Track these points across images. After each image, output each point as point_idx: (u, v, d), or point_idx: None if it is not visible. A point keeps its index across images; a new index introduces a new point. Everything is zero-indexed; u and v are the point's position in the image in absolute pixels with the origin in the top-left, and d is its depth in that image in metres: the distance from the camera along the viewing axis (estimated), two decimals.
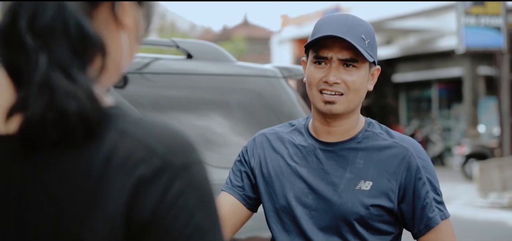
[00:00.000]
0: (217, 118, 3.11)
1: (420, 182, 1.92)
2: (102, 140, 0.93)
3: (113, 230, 0.92)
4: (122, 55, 1.03)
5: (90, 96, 0.91)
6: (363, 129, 1.99)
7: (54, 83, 0.90)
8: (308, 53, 1.97)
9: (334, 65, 1.90)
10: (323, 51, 1.91)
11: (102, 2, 0.98)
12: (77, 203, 0.92)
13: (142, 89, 3.00)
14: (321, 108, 1.92)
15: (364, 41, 1.90)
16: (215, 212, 0.96)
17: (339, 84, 1.90)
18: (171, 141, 0.95)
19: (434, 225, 1.93)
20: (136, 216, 0.91)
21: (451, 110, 22.72)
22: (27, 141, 0.92)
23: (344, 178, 1.94)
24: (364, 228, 1.92)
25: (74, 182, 0.92)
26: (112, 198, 0.91)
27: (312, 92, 1.93)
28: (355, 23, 1.92)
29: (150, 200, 0.91)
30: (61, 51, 0.91)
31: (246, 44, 31.68)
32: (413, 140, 2.01)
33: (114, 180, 0.91)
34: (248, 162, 2.04)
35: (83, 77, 0.92)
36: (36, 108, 0.90)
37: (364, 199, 1.91)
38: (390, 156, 1.94)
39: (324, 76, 1.91)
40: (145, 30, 1.06)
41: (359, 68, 1.91)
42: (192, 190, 0.93)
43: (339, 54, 1.90)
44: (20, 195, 0.94)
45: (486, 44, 13.78)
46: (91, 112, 0.91)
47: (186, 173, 0.94)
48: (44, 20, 0.92)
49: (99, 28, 0.98)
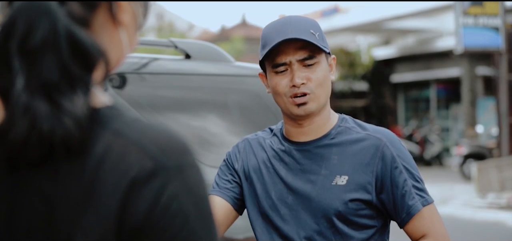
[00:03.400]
0: (215, 118, 3.11)
1: (396, 170, 1.92)
2: (96, 141, 0.92)
3: (105, 233, 0.90)
4: (122, 50, 1.02)
5: (73, 117, 0.90)
6: (336, 125, 2.00)
7: (34, 107, 0.90)
8: (265, 67, 1.99)
9: (295, 67, 1.92)
10: (280, 58, 1.93)
11: (99, 6, 0.98)
12: (69, 204, 0.91)
13: (141, 89, 2.99)
14: (296, 112, 1.94)
15: (314, 35, 1.92)
16: (210, 216, 0.95)
17: (305, 84, 1.92)
18: (165, 143, 0.93)
19: (415, 212, 1.92)
20: (129, 220, 0.90)
21: (449, 110, 22.73)
22: (11, 160, 0.92)
23: (320, 175, 1.95)
24: (344, 223, 1.92)
25: (67, 183, 0.92)
26: (104, 200, 0.90)
27: (282, 100, 1.95)
28: (300, 21, 1.94)
29: (143, 203, 0.90)
30: (49, 71, 0.91)
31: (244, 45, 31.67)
32: (387, 130, 2.00)
33: (106, 182, 0.91)
34: (232, 166, 2.08)
35: (68, 98, 0.91)
36: (18, 130, 0.89)
37: (341, 194, 1.92)
38: (363, 148, 1.94)
39: (289, 81, 1.92)
40: (143, 16, 1.06)
41: (318, 62, 1.94)
42: (186, 193, 0.92)
43: (296, 55, 1.92)
44: (11, 194, 0.94)
45: (485, 44, 13.78)
46: (73, 133, 0.90)
47: (180, 176, 0.92)
48: (34, 40, 0.91)
49: (97, 31, 0.97)
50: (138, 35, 1.07)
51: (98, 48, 0.93)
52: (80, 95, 0.92)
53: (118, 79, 2.94)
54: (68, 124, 0.90)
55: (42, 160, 0.92)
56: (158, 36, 26.27)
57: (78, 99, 0.91)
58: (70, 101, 0.91)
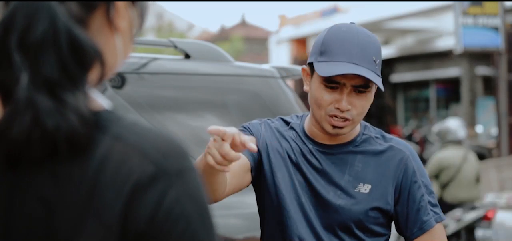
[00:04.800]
0: (214, 118, 3.11)
1: (415, 185, 1.93)
2: (96, 145, 0.92)
3: (108, 239, 0.90)
4: (116, 58, 1.02)
5: (77, 113, 0.90)
6: (360, 132, 2.00)
7: (38, 103, 0.89)
8: (312, 67, 1.94)
9: (347, 91, 1.88)
10: (336, 77, 1.87)
11: (97, 9, 0.97)
12: (70, 208, 0.90)
13: (140, 89, 2.99)
14: (328, 130, 1.91)
15: (375, 63, 1.88)
16: (210, 220, 0.95)
17: (350, 111, 1.89)
18: (165, 147, 0.93)
19: (428, 228, 1.94)
20: (133, 224, 0.90)
21: (449, 111, 22.71)
22: (11, 158, 0.91)
23: (343, 180, 1.94)
24: (360, 230, 1.93)
25: (68, 187, 0.91)
26: (107, 204, 0.90)
27: (320, 113, 1.91)
28: (366, 42, 1.89)
29: (146, 207, 0.90)
30: (50, 67, 0.90)
31: (244, 44, 31.66)
32: (407, 144, 2.02)
33: (108, 186, 0.90)
34: (256, 136, 1.97)
35: (72, 94, 0.90)
36: (20, 127, 0.89)
37: (364, 202, 1.92)
38: (388, 159, 1.95)
39: (336, 101, 1.88)
40: (138, 28, 1.05)
41: (370, 91, 1.91)
42: (187, 197, 0.92)
43: (353, 81, 1.88)
44: (10, 195, 0.93)
45: (484, 44, 13.78)
46: (78, 129, 0.90)
47: (181, 180, 0.93)
48: (34, 36, 0.90)
49: (94, 34, 0.97)
50: (132, 44, 1.06)
51: (95, 48, 0.93)
52: (81, 92, 0.92)
53: (117, 79, 2.94)
54: (73, 120, 0.89)
55: (42, 159, 0.91)
56: (158, 36, 26.26)
57: (80, 96, 0.91)
58: (74, 97, 0.90)
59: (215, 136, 1.65)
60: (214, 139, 1.66)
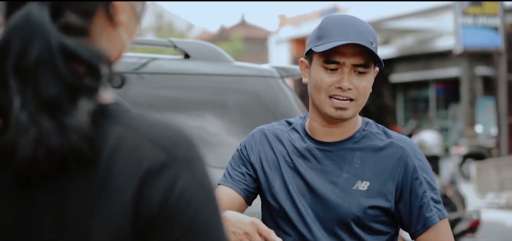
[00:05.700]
0: (214, 118, 3.11)
1: (417, 181, 1.92)
2: (107, 134, 0.94)
3: (121, 224, 0.92)
4: (123, 45, 1.04)
5: (80, 134, 0.91)
6: (360, 128, 1.99)
7: (39, 125, 0.90)
8: (310, 55, 1.95)
9: (347, 70, 1.89)
10: (335, 56, 1.88)
11: (96, 12, 0.98)
12: (84, 196, 0.93)
13: (140, 89, 2.99)
14: (331, 113, 1.91)
15: (372, 45, 1.89)
16: (217, 206, 0.97)
17: (352, 90, 1.89)
18: (174, 136, 0.96)
19: (431, 224, 1.93)
20: (144, 210, 0.92)
21: (448, 110, 22.73)
22: (22, 178, 0.93)
23: (341, 178, 1.93)
24: (361, 228, 1.92)
25: (81, 178, 0.93)
26: (119, 191, 0.92)
27: (320, 97, 1.91)
28: (362, 27, 1.91)
29: (158, 193, 0.93)
30: (49, 88, 0.91)
31: (243, 44, 31.69)
32: (410, 140, 2.00)
33: (121, 173, 0.93)
34: (247, 157, 2.03)
35: (70, 115, 0.91)
36: (24, 150, 0.90)
37: (361, 200, 1.91)
38: (387, 156, 1.94)
39: (337, 81, 1.89)
40: (142, 8, 1.07)
41: (369, 72, 1.91)
42: (197, 185, 0.95)
43: (352, 59, 1.88)
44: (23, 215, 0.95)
45: (484, 44, 13.79)
46: (82, 147, 0.91)
47: (189, 168, 0.95)
48: (30, 59, 0.91)
49: (97, 36, 0.99)
50: (139, 25, 1.07)
51: (96, 55, 0.95)
52: (82, 105, 0.93)
53: (117, 79, 2.94)
54: (75, 140, 0.91)
55: (55, 172, 0.93)
56: (157, 36, 26.27)
57: (80, 112, 0.92)
58: (72, 117, 0.92)
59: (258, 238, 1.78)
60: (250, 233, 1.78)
